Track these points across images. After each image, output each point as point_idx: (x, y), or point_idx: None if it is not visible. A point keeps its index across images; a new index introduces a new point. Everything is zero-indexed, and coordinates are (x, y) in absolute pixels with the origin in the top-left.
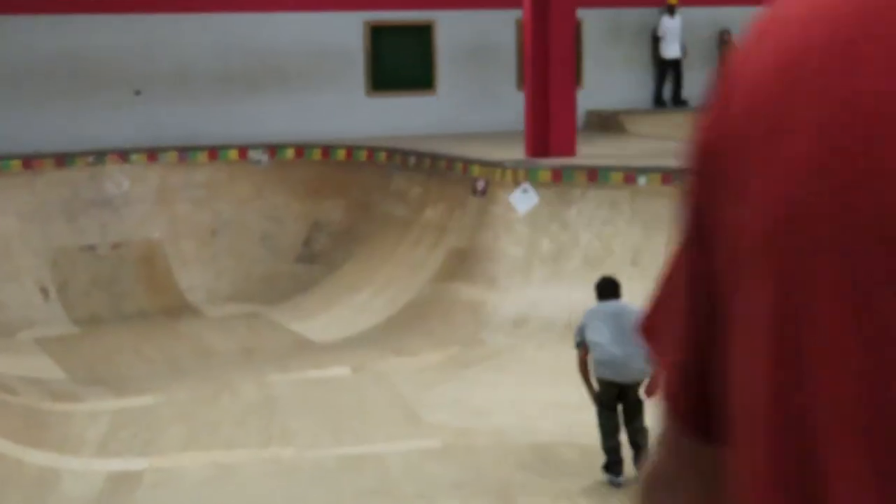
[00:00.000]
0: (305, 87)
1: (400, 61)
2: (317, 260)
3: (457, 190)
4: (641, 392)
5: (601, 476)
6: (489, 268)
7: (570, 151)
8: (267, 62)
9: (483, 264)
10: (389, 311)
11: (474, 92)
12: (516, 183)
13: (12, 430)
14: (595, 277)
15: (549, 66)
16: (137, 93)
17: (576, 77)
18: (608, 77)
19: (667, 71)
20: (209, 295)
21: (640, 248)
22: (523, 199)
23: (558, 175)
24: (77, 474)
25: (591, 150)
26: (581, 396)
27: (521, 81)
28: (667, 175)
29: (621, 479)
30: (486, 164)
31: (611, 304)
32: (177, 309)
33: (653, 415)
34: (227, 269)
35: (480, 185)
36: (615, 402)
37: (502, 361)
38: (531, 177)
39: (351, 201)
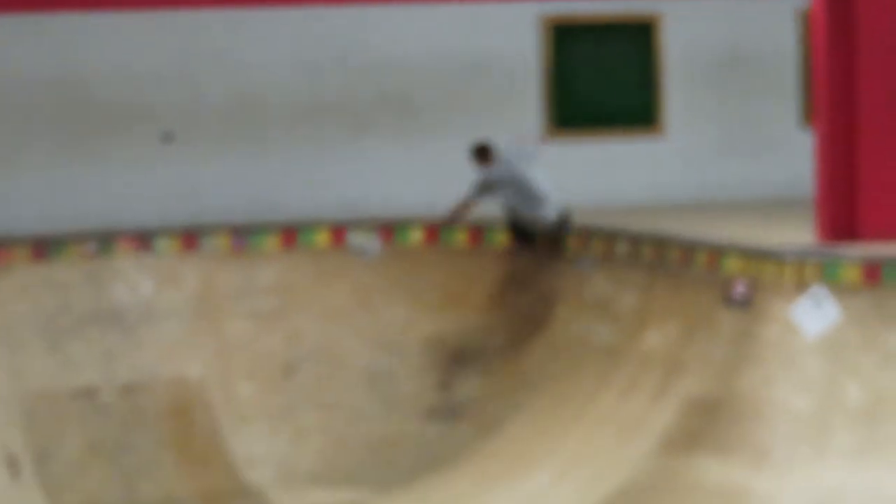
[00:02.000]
0: (442, 125)
1: (601, 82)
2: (461, 415)
3: (699, 297)
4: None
5: None
6: (756, 431)
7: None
8: (380, 85)
9: (745, 425)
10: (585, 503)
11: (728, 132)
12: (802, 288)
13: None
14: None
15: (857, 86)
16: (167, 138)
17: None
18: None
19: None
20: (282, 473)
21: None
22: (815, 315)
23: (875, 273)
24: None
25: None
26: None
27: (808, 113)
28: None
29: None
30: (748, 253)
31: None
32: (228, 495)
33: None
34: (310, 429)
35: (740, 289)
36: None
37: None
38: (827, 276)
39: (518, 316)
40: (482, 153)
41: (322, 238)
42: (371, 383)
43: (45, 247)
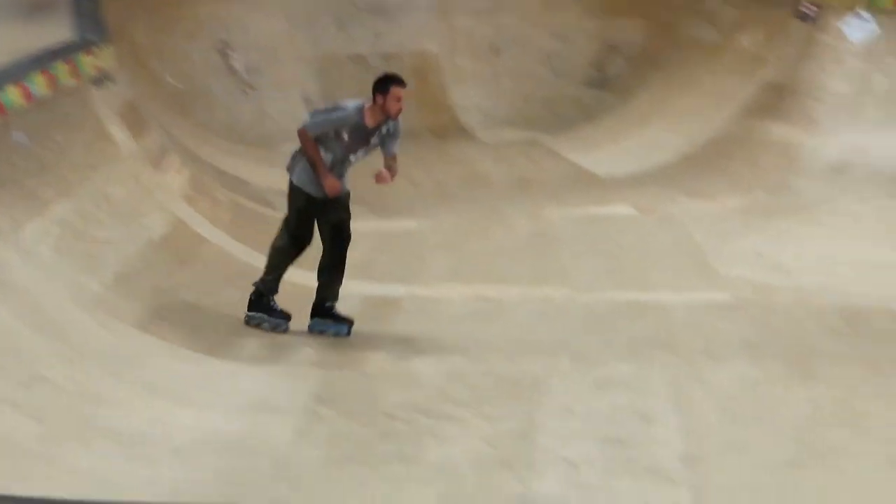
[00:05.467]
0: None
1: None
2: (607, 86)
3: (780, 14)
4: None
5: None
6: (810, 106)
7: None
8: None
9: (802, 101)
10: (686, 148)
11: None
12: (851, 8)
13: (268, 244)
14: None
15: None
16: None
17: None
18: None
19: None
20: (484, 117)
21: None
22: (858, 27)
23: None
24: None
25: None
26: None
27: None
28: None
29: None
30: None
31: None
32: (448, 130)
33: None
34: (506, 90)
35: (810, 9)
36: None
37: (814, 213)
38: (872, 3)
39: (652, 21)
40: None
41: None
42: (549, 61)
43: None
